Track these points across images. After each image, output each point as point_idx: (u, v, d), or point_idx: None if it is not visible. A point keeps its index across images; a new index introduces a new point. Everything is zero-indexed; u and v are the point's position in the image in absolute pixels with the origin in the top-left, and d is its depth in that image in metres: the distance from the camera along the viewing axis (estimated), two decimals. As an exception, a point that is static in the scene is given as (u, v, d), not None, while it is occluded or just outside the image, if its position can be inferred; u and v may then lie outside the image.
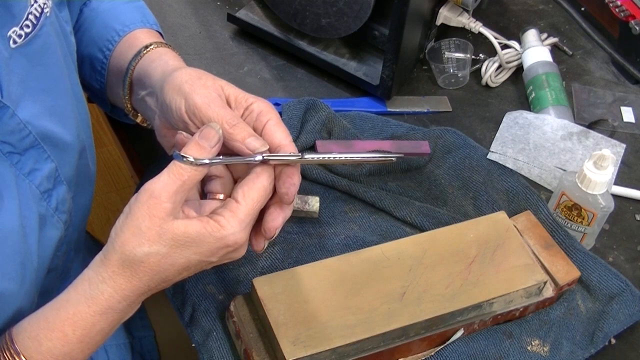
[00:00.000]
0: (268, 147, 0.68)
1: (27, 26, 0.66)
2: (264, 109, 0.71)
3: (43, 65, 0.69)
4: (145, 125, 0.85)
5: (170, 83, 0.71)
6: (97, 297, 0.65)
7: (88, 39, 0.85)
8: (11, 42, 0.65)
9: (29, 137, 0.67)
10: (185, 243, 0.64)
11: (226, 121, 0.67)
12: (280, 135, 0.69)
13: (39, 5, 0.68)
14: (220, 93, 0.71)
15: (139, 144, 0.99)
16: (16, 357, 0.64)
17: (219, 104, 0.69)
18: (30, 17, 0.66)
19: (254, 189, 0.66)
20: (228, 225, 0.65)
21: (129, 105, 0.83)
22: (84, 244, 0.88)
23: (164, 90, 0.71)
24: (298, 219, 0.92)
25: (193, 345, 0.81)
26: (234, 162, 0.69)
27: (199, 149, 0.64)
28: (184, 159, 0.63)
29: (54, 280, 0.76)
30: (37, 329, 0.65)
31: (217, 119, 0.67)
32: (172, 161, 0.64)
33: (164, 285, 0.67)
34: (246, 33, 1.14)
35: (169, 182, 0.63)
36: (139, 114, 0.84)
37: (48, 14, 0.69)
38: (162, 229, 0.63)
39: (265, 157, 0.67)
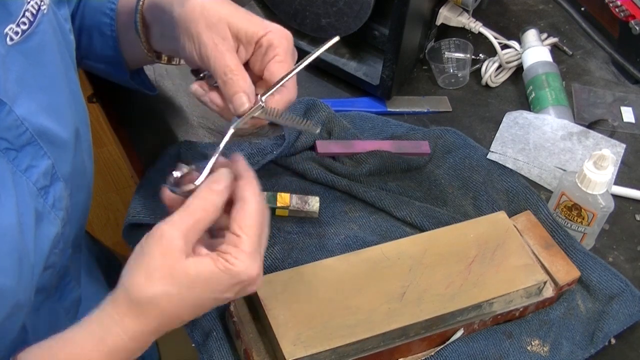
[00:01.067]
0: (246, 107, 0.70)
1: (24, 23, 0.66)
2: (274, 42, 0.71)
3: (40, 63, 0.68)
4: (173, 64, 0.85)
5: (181, 25, 0.71)
6: (105, 338, 0.63)
7: (90, 10, 0.85)
8: (8, 39, 0.65)
9: (26, 133, 0.66)
10: (199, 283, 0.63)
11: (223, 72, 0.68)
12: (278, 75, 0.70)
13: (36, 3, 0.67)
14: (226, 34, 0.70)
15: (139, 144, 0.99)
16: None
17: (220, 51, 0.69)
18: (27, 14, 0.66)
19: (248, 217, 0.65)
20: (238, 262, 0.64)
21: (146, 47, 0.82)
22: (84, 244, 0.88)
23: (178, 34, 0.72)
24: (298, 219, 0.92)
25: (193, 345, 0.81)
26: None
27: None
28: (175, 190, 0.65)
29: (52, 278, 0.76)
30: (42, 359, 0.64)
31: (217, 69, 0.69)
32: (186, 201, 0.65)
33: (177, 324, 0.66)
34: (246, 33, 1.14)
35: (181, 221, 0.64)
36: (162, 54, 0.83)
37: (45, 11, 0.69)
38: (174, 269, 0.63)
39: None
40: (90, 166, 0.81)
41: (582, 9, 1.21)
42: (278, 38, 0.71)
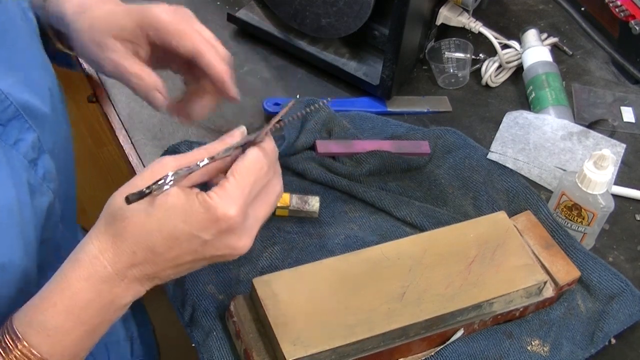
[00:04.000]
0: (161, 101, 0.76)
1: None
2: (165, 28, 0.75)
3: (9, 40, 0.69)
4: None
5: (80, 49, 0.75)
6: (81, 259, 0.63)
7: None
8: None
9: (11, 107, 0.68)
10: (173, 208, 0.62)
11: (129, 80, 0.74)
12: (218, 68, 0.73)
13: None
14: (115, 46, 0.74)
15: (139, 144, 0.99)
16: (15, 339, 0.63)
17: (118, 63, 0.74)
18: None
19: (244, 165, 0.64)
20: (216, 197, 0.62)
21: (59, 45, 0.83)
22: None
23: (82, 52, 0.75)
24: (298, 219, 0.92)
25: (193, 345, 0.81)
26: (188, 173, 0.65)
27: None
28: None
29: (47, 254, 0.76)
30: (32, 305, 0.64)
31: (124, 80, 0.74)
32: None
33: (152, 264, 0.64)
34: (246, 33, 1.14)
35: (181, 157, 0.64)
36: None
37: None
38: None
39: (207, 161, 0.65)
40: (70, 139, 0.82)
41: (582, 9, 1.21)
42: (161, 23, 0.74)
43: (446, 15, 1.09)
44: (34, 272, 0.70)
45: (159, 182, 0.62)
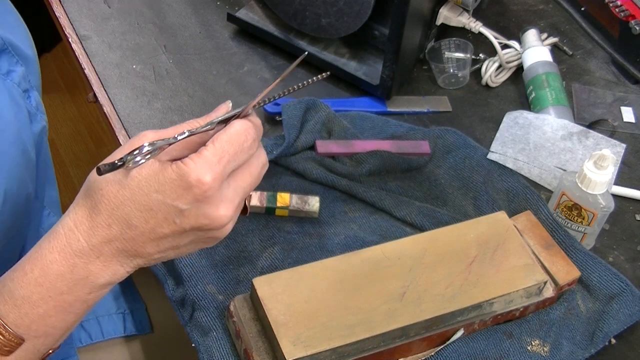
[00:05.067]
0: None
1: None
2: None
3: None
4: None
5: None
6: (57, 231, 0.62)
7: None
8: None
9: None
10: (147, 178, 0.60)
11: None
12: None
13: None
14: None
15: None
16: None
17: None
18: None
19: (225, 134, 0.62)
20: (191, 163, 0.59)
21: None
22: None
23: None
24: (298, 219, 0.92)
25: (193, 345, 0.81)
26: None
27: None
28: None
29: (36, 185, 0.78)
30: (6, 274, 0.63)
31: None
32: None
33: (129, 239, 0.61)
34: (246, 33, 1.14)
35: (158, 131, 0.63)
36: None
37: None
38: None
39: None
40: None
41: (582, 9, 1.21)
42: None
43: (446, 15, 1.09)
44: (34, 196, 0.72)
45: (134, 153, 0.60)
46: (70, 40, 1.10)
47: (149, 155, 0.60)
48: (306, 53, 0.71)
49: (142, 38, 1.12)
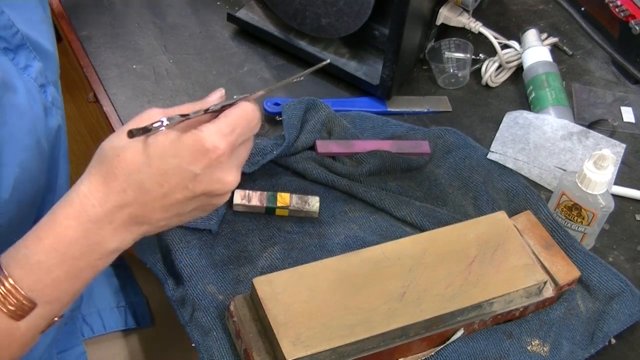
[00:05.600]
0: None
1: None
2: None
3: None
4: None
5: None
6: (71, 198, 0.63)
7: None
8: None
9: (18, 34, 0.71)
10: (163, 144, 0.62)
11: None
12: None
13: None
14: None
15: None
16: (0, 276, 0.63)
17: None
18: None
19: (238, 109, 0.65)
20: (207, 130, 0.63)
21: None
22: None
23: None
24: (298, 219, 0.92)
25: (193, 345, 0.81)
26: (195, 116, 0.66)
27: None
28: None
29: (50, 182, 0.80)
30: (20, 240, 0.65)
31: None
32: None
33: (142, 204, 0.64)
34: (246, 33, 1.14)
35: (164, 109, 0.65)
36: None
37: None
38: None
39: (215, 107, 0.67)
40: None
41: (582, 9, 1.21)
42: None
43: (446, 15, 1.09)
44: (46, 185, 0.74)
45: (156, 124, 0.62)
46: (70, 40, 1.10)
47: (167, 124, 0.63)
48: (328, 61, 0.79)
49: (142, 38, 1.12)
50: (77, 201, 0.63)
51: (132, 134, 0.62)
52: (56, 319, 0.68)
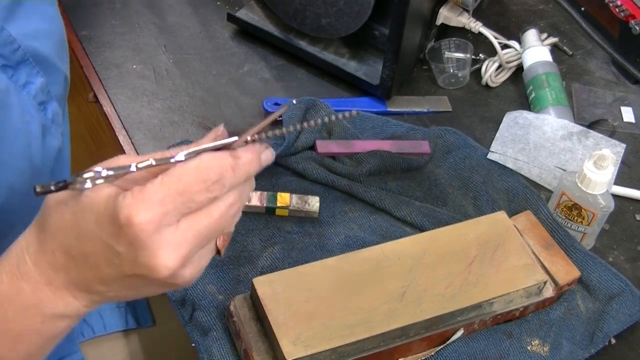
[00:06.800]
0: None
1: None
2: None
3: None
4: None
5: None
6: (10, 250, 0.57)
7: None
8: None
9: (19, 51, 0.67)
10: (90, 204, 0.52)
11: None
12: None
13: None
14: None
15: (139, 144, 0.99)
16: None
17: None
18: None
19: (181, 168, 0.52)
20: (128, 197, 0.50)
21: None
22: None
23: None
24: (298, 219, 0.92)
25: (193, 345, 0.81)
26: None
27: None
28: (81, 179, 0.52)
29: None
30: None
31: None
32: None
33: (75, 271, 0.54)
34: (246, 33, 1.14)
35: (135, 156, 0.55)
36: None
37: None
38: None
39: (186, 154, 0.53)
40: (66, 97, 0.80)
41: (582, 9, 1.21)
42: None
43: (446, 15, 1.09)
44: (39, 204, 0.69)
45: (84, 175, 0.52)
46: (70, 40, 1.11)
47: (100, 180, 0.52)
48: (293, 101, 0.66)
49: (142, 38, 1.12)
50: (14, 254, 0.55)
51: (35, 191, 0.52)
52: None
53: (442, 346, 0.81)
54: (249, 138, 0.55)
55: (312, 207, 0.91)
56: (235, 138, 0.55)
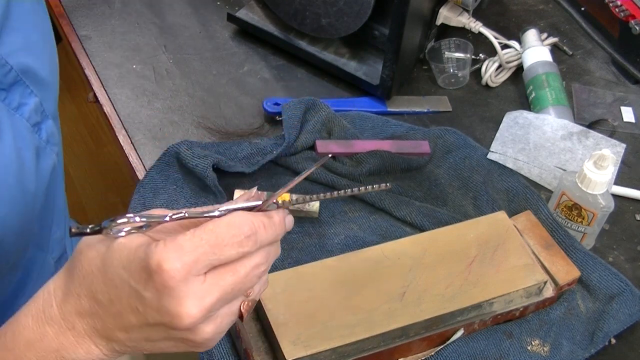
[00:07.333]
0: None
1: None
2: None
3: (13, 4, 0.68)
4: None
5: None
6: (37, 294, 0.57)
7: None
8: None
9: (12, 72, 0.67)
10: (120, 250, 0.53)
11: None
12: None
13: None
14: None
15: (139, 144, 0.99)
16: None
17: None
18: None
19: (214, 223, 0.53)
20: (161, 245, 0.52)
21: None
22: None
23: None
24: (298, 219, 0.92)
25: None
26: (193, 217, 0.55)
27: None
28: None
29: (46, 215, 0.77)
30: None
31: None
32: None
33: (98, 317, 0.55)
34: (246, 33, 1.14)
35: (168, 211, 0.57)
36: None
37: None
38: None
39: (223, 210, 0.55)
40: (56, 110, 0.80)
41: (582, 9, 1.21)
42: None
43: (446, 15, 1.09)
44: (31, 230, 0.70)
45: (118, 221, 0.53)
46: (70, 40, 1.10)
47: (130, 227, 0.53)
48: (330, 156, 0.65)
49: (142, 38, 1.12)
50: (41, 297, 0.56)
51: (71, 232, 0.53)
52: None
53: (442, 346, 0.81)
54: (279, 201, 0.57)
55: (312, 207, 0.91)
56: (264, 199, 0.57)
